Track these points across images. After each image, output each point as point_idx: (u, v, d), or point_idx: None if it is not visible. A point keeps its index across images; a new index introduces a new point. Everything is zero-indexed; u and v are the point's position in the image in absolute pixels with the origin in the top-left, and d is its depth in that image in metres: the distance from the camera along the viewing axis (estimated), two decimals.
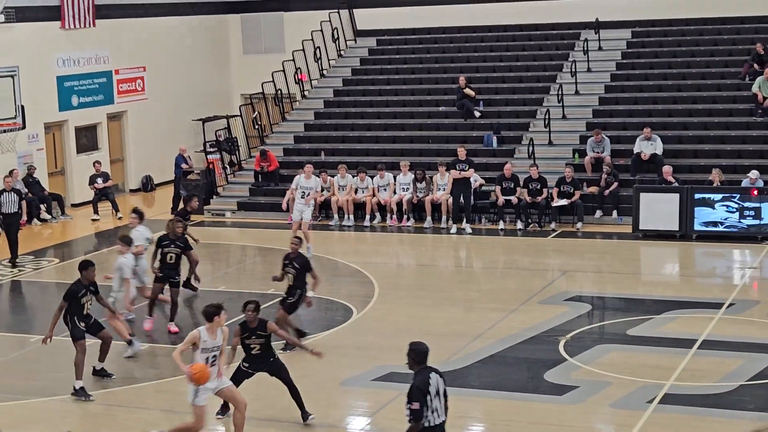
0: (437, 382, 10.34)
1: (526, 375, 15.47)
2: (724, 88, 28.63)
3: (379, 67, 33.31)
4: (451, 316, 18.48)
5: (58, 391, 15.27)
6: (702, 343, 16.32)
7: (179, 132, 33.82)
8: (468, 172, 25.50)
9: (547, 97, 29.78)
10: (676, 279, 21.52)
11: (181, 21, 34.79)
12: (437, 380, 10.35)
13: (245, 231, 25.85)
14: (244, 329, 13.63)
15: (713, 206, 23.49)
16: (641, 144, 26.21)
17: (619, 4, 31.80)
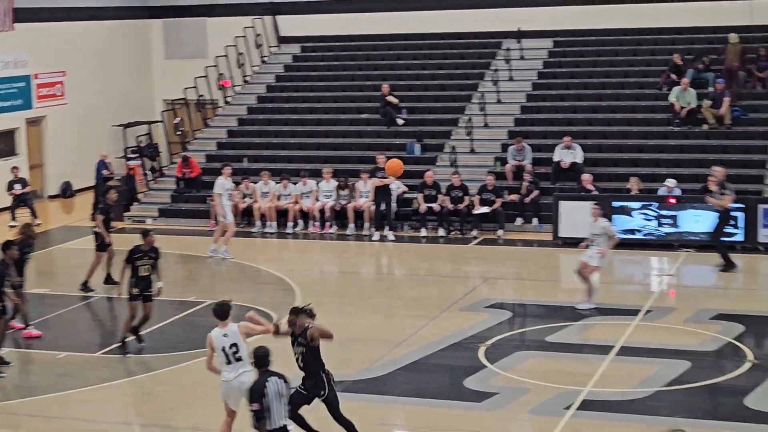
0: (277, 386, 10.67)
1: (446, 382, 15.55)
2: (643, 98, 29.06)
3: (303, 73, 33.27)
4: (373, 323, 18.52)
5: None
6: (619, 349, 16.54)
7: (100, 138, 33.43)
8: (389, 180, 25.57)
9: (469, 105, 29.98)
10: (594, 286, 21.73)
11: (102, 25, 34.41)
12: (277, 384, 10.68)
13: (166, 238, 25.56)
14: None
15: (631, 214, 23.82)
16: (561, 152, 26.50)
17: (540, 15, 32.12)
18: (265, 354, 10.87)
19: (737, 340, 16.88)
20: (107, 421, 14.42)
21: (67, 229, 28.15)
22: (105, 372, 16.11)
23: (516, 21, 31.90)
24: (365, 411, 14.26)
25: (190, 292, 20.66)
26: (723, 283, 21.70)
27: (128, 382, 15.80)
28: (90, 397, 15.14)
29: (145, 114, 35.14)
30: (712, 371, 15.65)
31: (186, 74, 33.19)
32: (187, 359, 16.57)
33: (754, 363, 15.80)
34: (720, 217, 21.97)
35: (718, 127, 27.15)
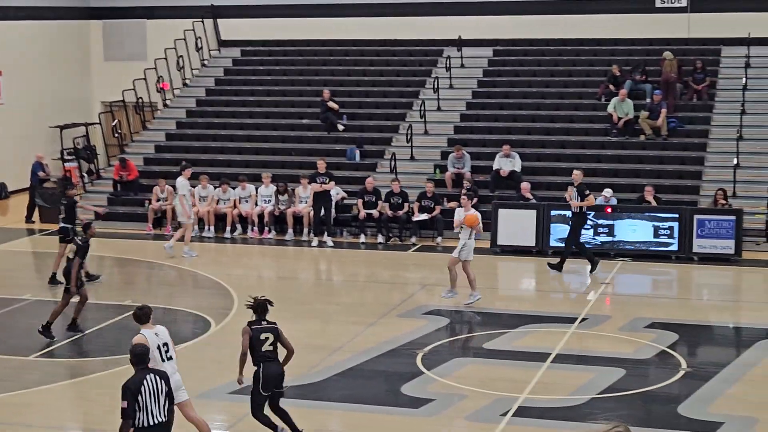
0: (155, 383, 10.66)
1: (383, 388, 15.56)
2: (581, 108, 29.35)
3: (243, 77, 33.16)
4: (311, 328, 18.48)
5: None
6: (555, 356, 16.65)
7: (36, 139, 33.03)
8: (328, 185, 25.57)
9: (410, 112, 30.08)
10: (531, 294, 21.93)
11: (41, 25, 34.02)
12: (155, 382, 10.67)
13: (102, 241, 25.36)
14: None
15: (569, 223, 23.98)
16: (500, 161, 26.67)
17: (481, 23, 32.33)
18: (144, 351, 10.94)
19: (671, 349, 17.08)
20: (43, 425, 14.25)
21: (1, 230, 27.76)
22: (40, 375, 15.92)
23: (457, 29, 32.07)
24: (302, 417, 14.21)
25: (126, 296, 20.48)
26: (658, 292, 21.98)
27: (64, 385, 15.62)
28: (25, 400, 14.95)
29: (83, 116, 34.78)
30: (646, 379, 15.82)
31: (125, 76, 32.96)
32: (123, 363, 16.38)
33: (687, 371, 15.99)
34: (576, 219, 22.37)
35: (655, 138, 27.50)
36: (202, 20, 34.24)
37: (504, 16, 32.24)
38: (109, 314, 19.31)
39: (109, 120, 32.61)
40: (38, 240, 26.68)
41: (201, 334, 18.04)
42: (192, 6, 34.43)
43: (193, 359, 16.65)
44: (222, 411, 14.67)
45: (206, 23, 34.40)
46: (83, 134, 32.89)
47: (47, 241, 26.13)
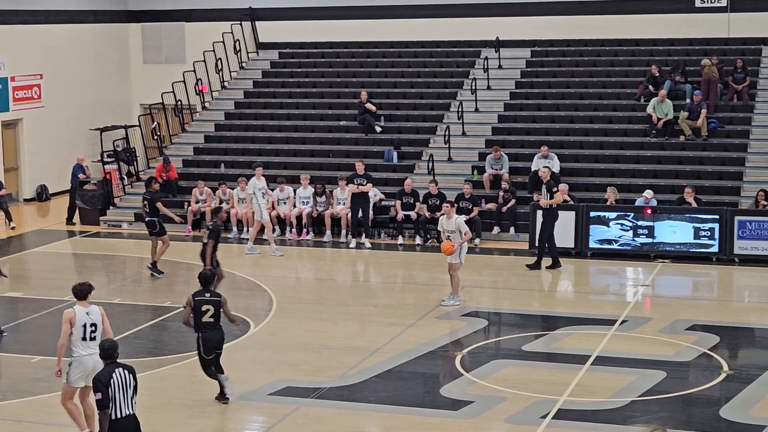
0: (124, 377, 11.02)
1: (422, 390, 15.53)
2: (620, 109, 29.19)
3: (281, 80, 33.25)
4: (349, 330, 18.49)
5: None
6: (595, 359, 16.57)
7: (76, 141, 33.29)
8: (366, 187, 25.58)
9: (448, 113, 30.05)
10: (570, 296, 21.83)
11: (81, 29, 34.28)
12: (124, 376, 11.01)
13: (142, 243, 25.50)
14: None
15: (608, 224, 23.90)
16: (538, 162, 26.58)
17: (519, 24, 32.25)
18: (112, 347, 11.28)
19: (712, 351, 16.94)
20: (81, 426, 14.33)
21: (42, 232, 27.99)
22: None
23: (495, 30, 32.00)
24: (340, 418, 14.25)
25: (165, 298, 20.58)
26: (698, 293, 21.83)
27: None
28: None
29: (123, 118, 35.02)
30: (687, 382, 15.71)
31: (164, 79, 33.14)
32: (162, 364, 16.51)
33: (729, 374, 15.86)
34: (547, 216, 22.48)
35: (695, 138, 27.31)
36: (241, 23, 34.37)
37: (542, 16, 32.15)
38: (148, 316, 19.42)
39: (148, 122, 32.81)
40: (79, 242, 26.86)
41: (240, 336, 18.08)
42: (230, 9, 34.58)
43: (233, 360, 16.69)
44: (261, 412, 14.70)
45: (244, 26, 34.52)
46: (123, 137, 33.07)
47: (88, 243, 26.34)
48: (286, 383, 15.56)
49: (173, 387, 15.47)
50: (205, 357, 14.48)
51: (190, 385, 15.51)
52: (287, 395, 15.11)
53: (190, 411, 14.41)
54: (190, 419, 14.12)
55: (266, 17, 34.74)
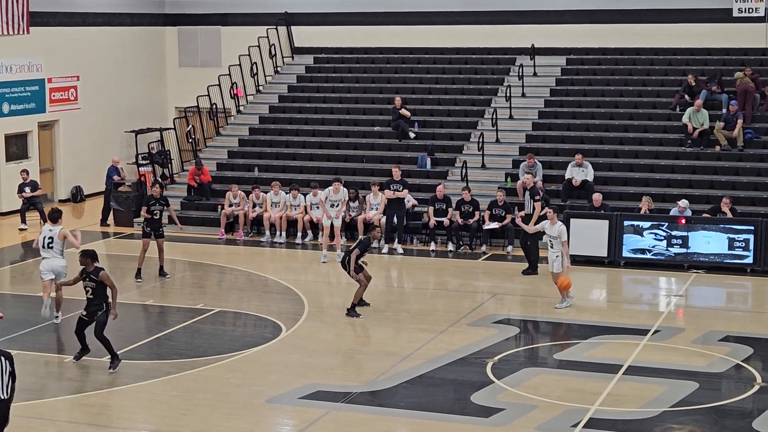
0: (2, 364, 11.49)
1: (453, 396, 15.51)
2: (655, 118, 29.06)
3: (316, 84, 33.32)
4: (380, 335, 18.49)
5: None
6: (627, 368, 16.49)
7: (111, 143, 33.50)
8: (402, 193, 25.59)
9: (482, 120, 30.01)
10: (603, 305, 21.73)
11: (117, 31, 34.51)
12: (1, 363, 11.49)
13: (175, 245, 25.64)
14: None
15: (642, 234, 23.78)
16: (572, 170, 26.50)
17: (554, 31, 32.16)
18: None
19: (745, 363, 16.82)
20: (116, 426, 14.44)
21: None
22: (114, 377, 16.10)
23: (530, 37, 31.92)
24: (371, 424, 14.25)
25: (197, 300, 20.66)
26: (732, 305, 21.68)
27: (136, 387, 15.78)
28: (99, 401, 15.14)
29: (158, 121, 35.22)
30: (719, 393, 15.60)
31: (199, 82, 33.29)
32: (193, 366, 16.58)
33: (762, 386, 15.73)
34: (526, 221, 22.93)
35: (731, 149, 27.14)
36: (276, 27, 34.47)
37: (578, 24, 32.06)
38: (181, 317, 19.49)
39: (183, 125, 32.97)
40: (113, 243, 27.01)
41: (271, 339, 18.13)
42: (266, 13, 34.69)
43: (264, 363, 16.76)
44: (292, 416, 14.73)
45: (280, 30, 34.63)
46: (158, 139, 33.25)
47: (121, 244, 26.49)
48: (317, 387, 15.58)
49: (204, 389, 15.52)
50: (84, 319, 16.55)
51: (220, 387, 15.56)
52: (318, 399, 15.13)
53: (220, 413, 14.45)
54: (221, 421, 14.16)
55: (302, 22, 34.83)
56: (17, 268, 24.15)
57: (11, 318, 19.29)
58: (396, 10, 33.72)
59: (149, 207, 22.71)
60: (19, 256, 25.46)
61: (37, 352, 17.42)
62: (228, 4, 35.55)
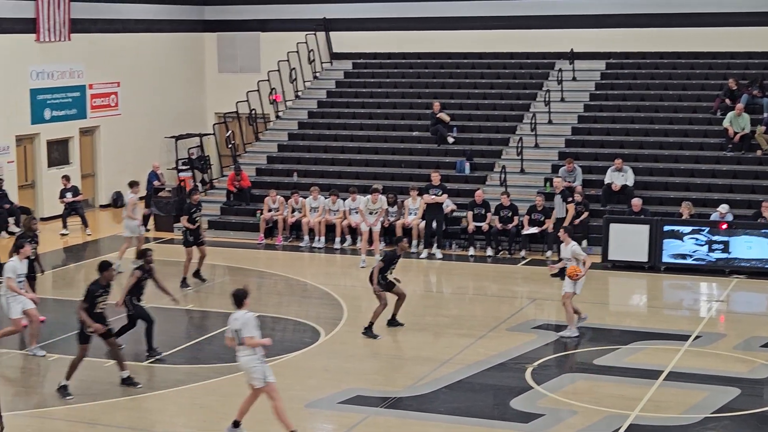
0: None
1: (492, 402, 15.47)
2: (696, 122, 28.86)
3: (354, 90, 33.37)
4: (419, 340, 18.47)
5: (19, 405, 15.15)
6: (668, 374, 16.38)
7: (152, 149, 33.72)
8: (441, 198, 25.57)
9: (521, 125, 29.93)
10: (643, 310, 21.61)
11: (157, 38, 34.75)
12: None
13: (215, 250, 25.75)
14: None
15: (682, 239, 23.62)
16: (612, 175, 26.37)
17: (594, 36, 32.04)
18: None
19: None
20: (154, 430, 14.51)
21: (117, 238, 28.30)
22: (152, 381, 16.19)
23: (569, 42, 31.82)
24: (409, 429, 14.24)
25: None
26: None
27: (175, 391, 15.86)
28: (137, 405, 15.23)
29: (197, 126, 35.42)
30: (761, 399, 15.46)
31: (238, 88, 33.47)
32: (231, 371, 16.59)
33: None
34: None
35: None
36: (315, 33, 34.57)
37: (617, 29, 31.91)
38: (221, 322, 19.48)
39: (222, 131, 33.13)
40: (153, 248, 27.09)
41: (311, 344, 18.17)
42: (305, 19, 34.79)
43: (303, 368, 16.79)
44: (331, 420, 14.75)
45: (319, 36, 34.72)
46: (197, 145, 33.47)
47: (161, 249, 26.58)
48: (356, 392, 15.59)
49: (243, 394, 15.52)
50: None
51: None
52: (357, 404, 15.13)
53: (259, 417, 14.47)
54: (260, 426, 14.19)
55: (340, 28, 34.91)
56: (59, 272, 24.34)
57: (53, 322, 19.44)
58: (434, 15, 33.72)
59: (191, 215, 22.65)
60: (61, 261, 25.65)
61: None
62: (267, 10, 35.69)
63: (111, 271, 15.92)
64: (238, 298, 13.44)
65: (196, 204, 22.83)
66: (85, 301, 15.51)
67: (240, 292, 13.49)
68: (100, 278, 15.79)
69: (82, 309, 15.46)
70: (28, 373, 16.93)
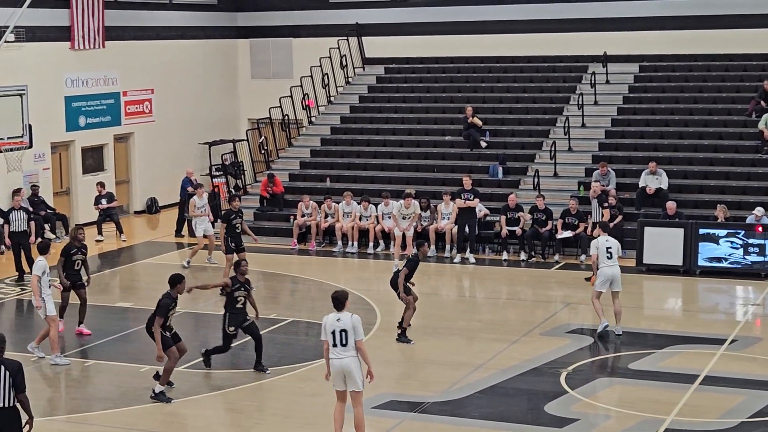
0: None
1: (526, 406, 15.43)
2: (731, 125, 28.68)
3: (387, 95, 33.39)
4: (453, 345, 18.45)
5: (55, 411, 15.26)
6: (703, 378, 16.28)
7: (185, 155, 33.88)
8: (473, 202, 25.53)
9: (554, 128, 29.85)
10: (678, 314, 21.49)
11: (190, 44, 34.92)
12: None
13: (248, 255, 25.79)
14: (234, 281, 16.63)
15: (717, 242, 23.47)
16: (646, 178, 26.25)
17: (627, 39, 31.91)
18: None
19: None
20: None
21: (151, 244, 28.53)
22: (189, 386, 16.26)
23: (602, 45, 31.71)
24: None
25: (271, 310, 20.76)
26: None
27: (211, 396, 15.92)
28: (174, 410, 15.29)
29: (231, 132, 35.55)
30: None
31: (271, 94, 33.54)
32: (266, 376, 16.67)
33: None
34: None
35: None
36: (347, 38, 34.63)
37: (651, 31, 31.76)
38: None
39: (255, 137, 33.24)
40: (187, 254, 27.26)
41: None
42: (337, 24, 34.87)
43: None
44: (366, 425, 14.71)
45: (351, 41, 34.78)
46: (231, 151, 33.59)
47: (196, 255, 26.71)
48: (390, 397, 15.60)
49: (278, 398, 15.62)
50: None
51: (294, 397, 15.64)
52: (391, 409, 15.14)
53: (294, 422, 14.52)
54: (295, 430, 14.22)
55: (372, 33, 34.94)
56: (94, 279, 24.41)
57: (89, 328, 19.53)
58: (466, 20, 33.68)
59: (231, 221, 22.58)
60: (96, 267, 25.79)
61: (114, 362, 17.66)
62: (299, 16, 35.80)
63: (183, 284, 15.93)
64: (340, 300, 13.39)
65: (237, 211, 22.79)
66: (160, 316, 15.47)
67: (341, 293, 13.50)
68: (172, 291, 15.79)
69: (158, 326, 15.43)
70: (65, 378, 17.02)
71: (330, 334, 13.15)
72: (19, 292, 22.88)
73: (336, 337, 13.12)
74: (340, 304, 13.34)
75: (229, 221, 22.59)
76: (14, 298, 22.46)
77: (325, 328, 13.24)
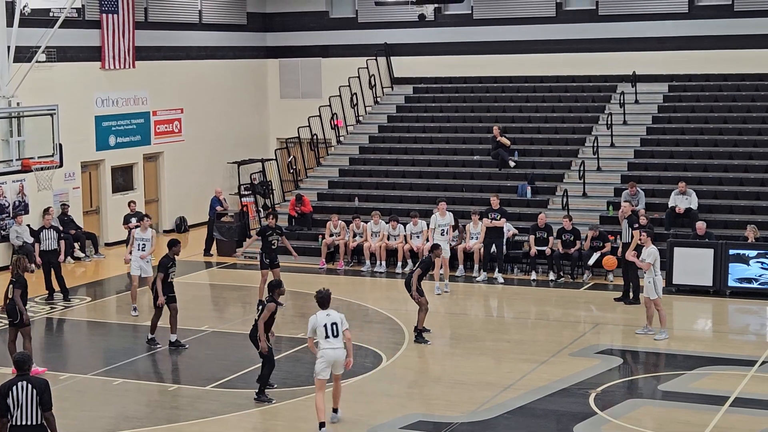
0: (24, 389, 11.41)
1: (555, 427, 15.34)
2: (761, 144, 28.52)
3: (415, 114, 33.43)
4: (481, 365, 18.39)
5: (83, 430, 15.30)
6: (734, 400, 16.14)
7: (214, 174, 34.02)
8: (500, 222, 25.48)
9: (582, 148, 29.78)
10: (708, 335, 21.33)
11: (220, 64, 35.10)
12: (24, 388, 11.42)
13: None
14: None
15: (748, 262, 23.32)
16: (676, 198, 26.13)
17: (656, 58, 31.84)
18: (21, 359, 11.75)
19: None
20: None
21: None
22: (216, 405, 16.27)
23: (631, 65, 31.65)
24: None
25: (299, 329, 20.76)
26: None
27: (238, 416, 15.93)
28: (200, 429, 15.30)
29: (260, 152, 35.66)
30: None
31: (300, 113, 33.63)
32: (297, 396, 16.67)
33: None
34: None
35: None
36: (376, 58, 34.71)
37: (680, 51, 31.67)
38: (283, 346, 19.60)
39: (284, 156, 33.32)
40: (216, 273, 27.36)
41: (372, 368, 18.15)
42: (366, 44, 34.96)
43: (365, 393, 16.78)
44: None
45: (379, 61, 34.86)
46: (260, 170, 33.68)
47: (224, 274, 26.84)
48: (419, 417, 15.54)
49: (306, 418, 15.59)
50: None
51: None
52: (419, 429, 15.09)
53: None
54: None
55: (401, 53, 35.01)
56: (123, 297, 24.58)
57: (116, 347, 19.62)
58: (494, 39, 33.71)
59: (267, 237, 22.75)
60: (125, 286, 25.85)
61: (141, 381, 17.71)
62: (328, 36, 35.93)
63: (178, 247, 19.53)
64: (327, 299, 15.07)
65: (274, 227, 22.93)
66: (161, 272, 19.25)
67: (326, 293, 15.16)
68: (170, 252, 19.39)
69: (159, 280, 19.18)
70: (92, 397, 17.07)
71: (322, 328, 14.76)
72: (48, 311, 22.99)
73: (328, 330, 14.77)
74: (327, 302, 15.04)
75: (265, 237, 22.75)
76: (44, 317, 22.55)
77: (316, 325, 14.82)
